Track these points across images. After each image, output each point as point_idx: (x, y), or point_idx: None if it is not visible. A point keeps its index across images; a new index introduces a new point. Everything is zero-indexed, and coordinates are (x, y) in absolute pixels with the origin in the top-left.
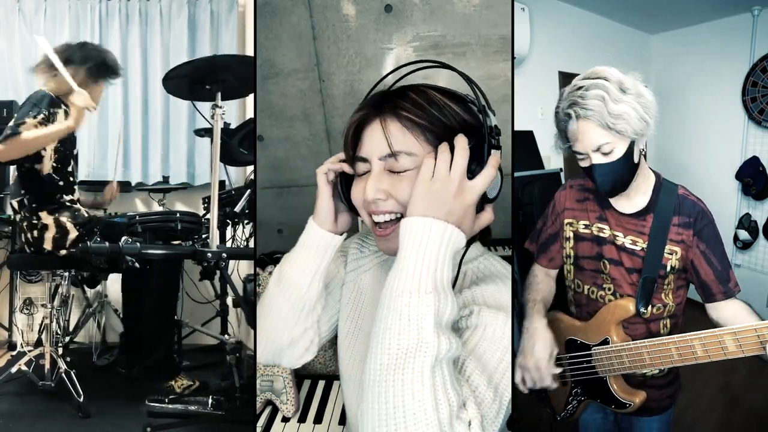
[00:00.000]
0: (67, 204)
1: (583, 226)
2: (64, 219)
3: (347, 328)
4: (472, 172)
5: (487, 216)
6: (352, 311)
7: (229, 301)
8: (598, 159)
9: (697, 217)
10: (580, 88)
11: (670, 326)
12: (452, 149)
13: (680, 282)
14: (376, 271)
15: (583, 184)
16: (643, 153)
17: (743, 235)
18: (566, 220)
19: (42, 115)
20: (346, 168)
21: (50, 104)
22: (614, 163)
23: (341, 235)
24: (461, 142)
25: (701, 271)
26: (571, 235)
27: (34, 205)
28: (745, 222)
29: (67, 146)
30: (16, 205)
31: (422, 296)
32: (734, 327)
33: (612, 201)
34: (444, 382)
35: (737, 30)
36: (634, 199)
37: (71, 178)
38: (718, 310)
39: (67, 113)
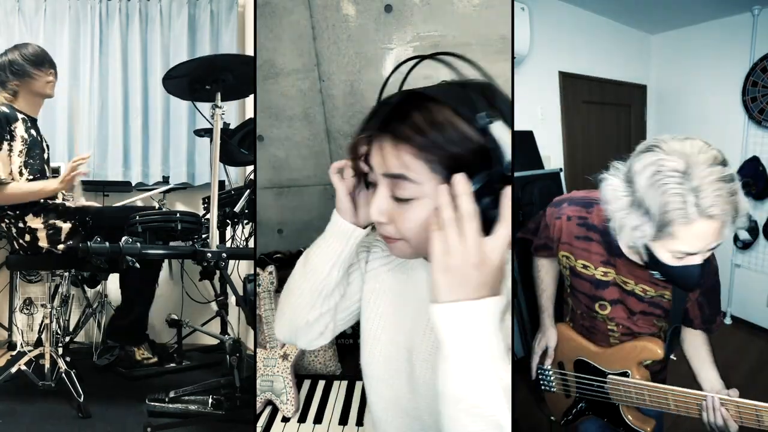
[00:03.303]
0: (49, 204)
1: (582, 266)
2: (53, 220)
3: (369, 328)
4: (486, 216)
5: (503, 237)
6: (373, 313)
7: (231, 300)
8: (699, 259)
9: (708, 276)
10: (717, 179)
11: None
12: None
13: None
14: (397, 270)
15: (586, 220)
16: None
17: (743, 235)
18: (562, 252)
19: (5, 142)
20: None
21: (7, 121)
22: (707, 260)
23: (364, 228)
24: (464, 197)
25: (690, 311)
26: (567, 267)
27: (17, 212)
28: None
29: (35, 158)
30: None
31: (490, 392)
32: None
33: (624, 249)
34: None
35: (737, 30)
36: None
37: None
38: (686, 332)
39: (24, 120)
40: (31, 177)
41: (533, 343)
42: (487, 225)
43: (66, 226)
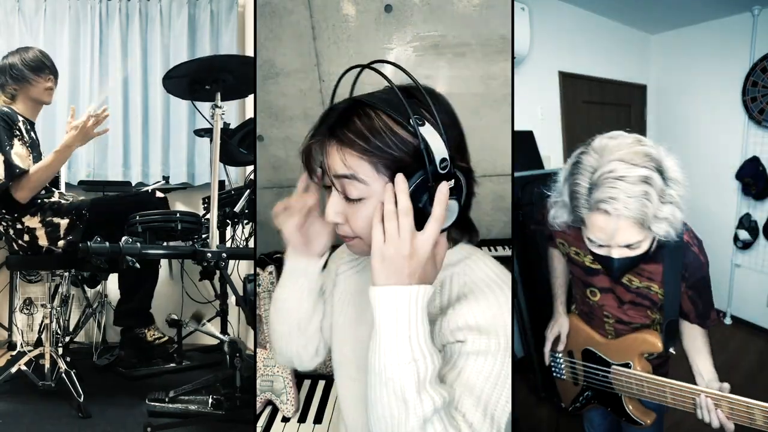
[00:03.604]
0: (45, 202)
1: (574, 252)
2: (50, 217)
3: (338, 329)
4: (422, 213)
5: (442, 246)
6: (342, 314)
7: (231, 300)
8: (620, 253)
9: (694, 271)
10: (618, 177)
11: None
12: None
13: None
14: (364, 272)
15: None
16: None
17: (743, 235)
18: (558, 240)
19: (16, 138)
20: (309, 201)
21: (12, 120)
22: (637, 256)
23: (320, 257)
24: (402, 194)
25: (684, 305)
26: (565, 253)
27: (15, 215)
28: (745, 222)
29: (34, 160)
30: None
31: (402, 368)
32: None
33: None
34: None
35: (737, 30)
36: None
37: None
38: (683, 325)
39: (24, 123)
40: None
41: (546, 331)
42: (424, 220)
43: (64, 222)
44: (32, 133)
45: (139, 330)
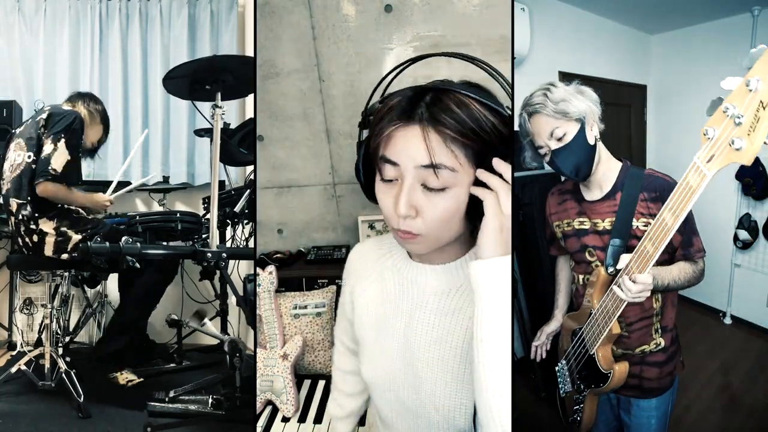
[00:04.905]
0: (66, 209)
1: (567, 225)
2: (65, 228)
3: (369, 338)
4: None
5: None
6: (366, 328)
7: (232, 300)
8: (554, 145)
9: (664, 190)
10: (531, 94)
11: (662, 300)
12: (491, 170)
13: (663, 257)
14: (383, 281)
15: (562, 188)
16: (598, 139)
17: (743, 235)
18: (555, 223)
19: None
20: None
21: (83, 125)
22: (569, 145)
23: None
24: (506, 170)
25: (672, 240)
26: (561, 235)
27: (36, 214)
28: (745, 222)
29: (75, 154)
30: (15, 206)
31: (508, 333)
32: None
33: (585, 194)
34: None
35: (737, 30)
36: (603, 185)
37: (76, 186)
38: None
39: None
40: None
41: (538, 331)
42: None
43: (76, 237)
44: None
45: (110, 375)
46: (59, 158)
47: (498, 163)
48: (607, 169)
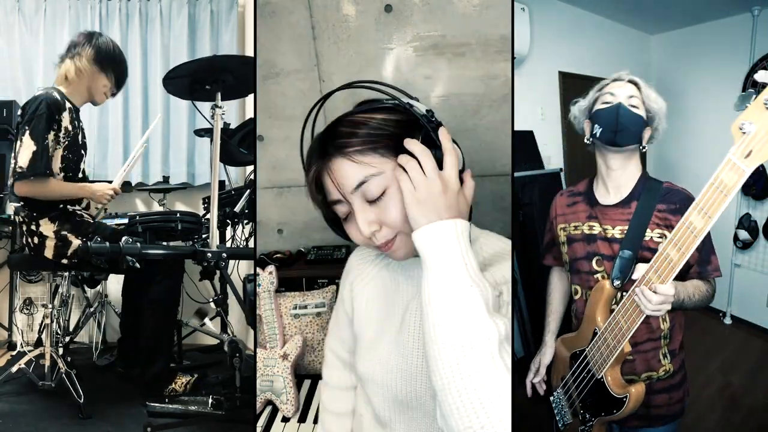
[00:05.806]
0: (69, 211)
1: (574, 228)
2: (65, 232)
3: (368, 335)
4: (438, 161)
5: (469, 185)
6: (363, 325)
7: (231, 300)
8: (626, 102)
9: (684, 203)
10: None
11: (670, 321)
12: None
13: None
14: (380, 278)
15: (573, 190)
16: (644, 150)
17: (743, 235)
18: (559, 226)
19: (52, 131)
20: None
21: (57, 110)
22: (637, 114)
23: None
24: (414, 145)
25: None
26: (565, 239)
27: (34, 214)
28: (745, 222)
29: (74, 152)
30: (13, 208)
31: (467, 292)
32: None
33: (599, 196)
34: (508, 357)
35: (737, 30)
36: (621, 190)
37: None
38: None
39: (71, 111)
40: (69, 174)
41: (531, 364)
42: (439, 164)
43: (76, 243)
44: (75, 122)
45: (169, 388)
46: (24, 153)
47: (407, 143)
48: (631, 172)
